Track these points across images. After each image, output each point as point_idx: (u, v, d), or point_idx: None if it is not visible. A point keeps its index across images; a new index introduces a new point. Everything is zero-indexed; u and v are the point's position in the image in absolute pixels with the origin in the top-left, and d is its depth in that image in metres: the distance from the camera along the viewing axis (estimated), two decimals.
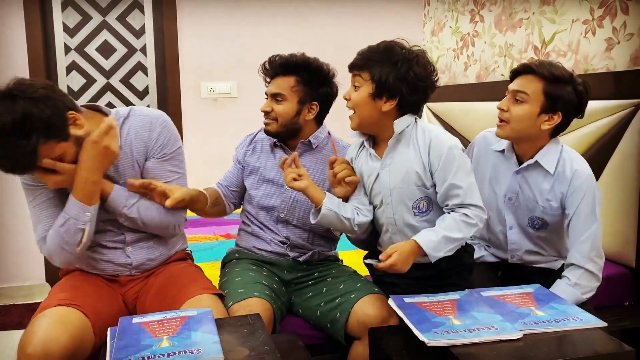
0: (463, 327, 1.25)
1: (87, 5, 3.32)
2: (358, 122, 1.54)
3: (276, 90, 1.76)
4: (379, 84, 1.46)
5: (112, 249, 1.62)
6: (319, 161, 1.82)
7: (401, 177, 1.53)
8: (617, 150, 2.07)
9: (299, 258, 1.81)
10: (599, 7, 2.27)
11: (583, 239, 1.60)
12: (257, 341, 1.24)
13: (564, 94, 1.60)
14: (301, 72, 1.76)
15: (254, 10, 3.45)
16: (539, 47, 2.64)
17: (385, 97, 1.48)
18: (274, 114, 1.76)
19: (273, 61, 1.78)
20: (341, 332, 1.61)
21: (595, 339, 1.23)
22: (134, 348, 1.16)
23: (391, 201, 1.55)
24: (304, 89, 1.76)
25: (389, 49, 1.50)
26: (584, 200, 1.61)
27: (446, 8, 3.47)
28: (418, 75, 1.47)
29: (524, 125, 1.63)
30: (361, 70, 1.50)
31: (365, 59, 1.50)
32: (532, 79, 1.61)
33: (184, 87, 3.43)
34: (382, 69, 1.46)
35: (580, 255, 1.60)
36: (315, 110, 1.80)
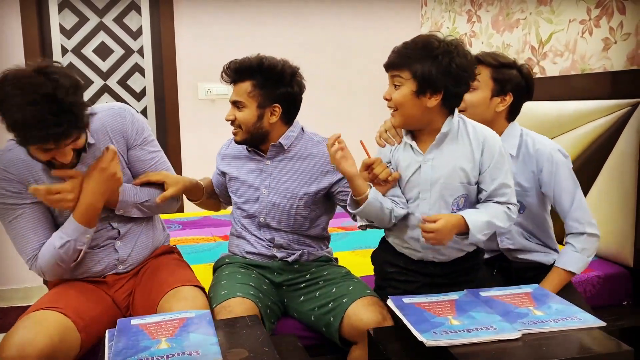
0: (462, 328, 1.25)
1: (84, 7, 3.31)
2: (402, 120, 1.50)
3: (235, 98, 1.73)
4: (422, 80, 1.42)
5: (102, 247, 1.63)
6: (292, 159, 1.79)
7: (447, 172, 1.49)
8: (615, 149, 2.08)
9: (287, 259, 1.77)
10: (596, 7, 2.28)
11: (574, 207, 1.67)
12: (256, 342, 1.23)
13: (511, 76, 1.69)
14: (256, 75, 1.70)
15: (252, 11, 3.45)
16: (536, 47, 2.64)
17: (429, 92, 1.43)
18: (237, 122, 1.74)
19: (228, 68, 1.74)
20: (336, 336, 1.60)
21: (594, 339, 1.23)
22: (133, 350, 1.16)
23: (430, 196, 1.51)
24: (260, 92, 1.71)
25: (426, 43, 1.44)
26: (558, 172, 1.68)
27: (443, 8, 3.48)
28: (460, 66, 1.42)
29: (480, 110, 1.69)
30: (400, 69, 1.45)
31: (403, 57, 1.45)
32: (480, 68, 1.67)
33: (181, 89, 3.43)
34: (423, 65, 1.41)
35: (578, 222, 1.67)
36: (279, 112, 1.73)
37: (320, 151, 1.77)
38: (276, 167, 1.79)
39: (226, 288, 1.63)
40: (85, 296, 1.55)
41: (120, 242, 1.65)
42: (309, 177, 1.77)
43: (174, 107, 3.42)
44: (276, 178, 1.78)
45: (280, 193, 1.76)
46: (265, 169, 1.79)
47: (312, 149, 1.79)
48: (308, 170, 1.77)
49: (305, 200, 1.76)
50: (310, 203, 1.77)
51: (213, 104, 3.49)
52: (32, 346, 1.31)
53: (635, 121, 2.01)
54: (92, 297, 1.57)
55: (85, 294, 1.57)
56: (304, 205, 1.77)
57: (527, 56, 2.71)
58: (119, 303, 1.64)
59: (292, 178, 1.77)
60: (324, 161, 1.76)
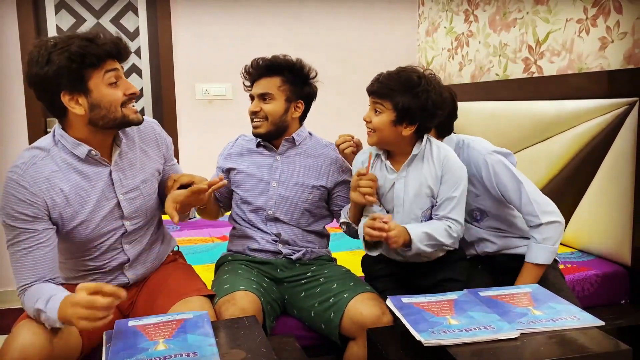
0: (460, 327, 1.25)
1: (80, 8, 3.31)
2: (377, 141, 1.65)
3: (264, 90, 1.80)
4: (401, 112, 1.58)
5: (111, 271, 1.61)
6: (301, 156, 1.87)
7: (416, 188, 1.66)
8: (612, 148, 2.08)
9: (291, 256, 1.82)
10: (593, 7, 2.28)
11: (523, 202, 1.68)
12: (254, 343, 1.23)
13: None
14: (285, 73, 1.81)
15: (249, 11, 3.45)
16: (533, 47, 2.64)
17: (405, 123, 1.60)
18: (263, 113, 1.80)
19: (257, 63, 1.82)
20: (335, 332, 1.62)
21: (592, 338, 1.23)
22: (130, 351, 1.15)
23: (402, 210, 1.67)
24: (290, 88, 1.82)
25: (409, 79, 1.60)
26: (497, 174, 1.70)
27: (440, 8, 3.48)
28: (435, 103, 1.59)
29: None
30: (383, 98, 1.61)
31: (386, 88, 1.60)
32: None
33: (178, 89, 3.42)
34: (403, 98, 1.57)
35: (532, 216, 1.68)
36: (301, 109, 1.86)
37: (327, 153, 1.88)
38: (286, 162, 1.85)
39: (229, 282, 1.66)
40: None
41: (129, 267, 1.62)
42: (317, 173, 1.85)
43: (171, 108, 3.42)
44: (286, 172, 1.84)
45: (290, 186, 1.83)
46: (275, 164, 1.85)
47: (320, 150, 1.89)
48: (316, 167, 1.86)
49: (314, 194, 1.84)
50: (317, 198, 1.85)
51: (210, 104, 3.48)
52: (33, 349, 1.29)
53: (632, 120, 2.01)
54: None
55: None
56: (312, 200, 1.84)
57: (524, 55, 2.72)
58: (122, 307, 1.63)
59: (301, 172, 1.85)
60: (330, 162, 1.86)
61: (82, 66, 1.36)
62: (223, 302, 1.57)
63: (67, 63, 1.34)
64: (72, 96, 1.39)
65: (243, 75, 1.86)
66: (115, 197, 1.52)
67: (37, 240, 1.40)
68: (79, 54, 1.35)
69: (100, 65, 1.39)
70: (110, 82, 1.42)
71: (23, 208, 1.39)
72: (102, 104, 1.41)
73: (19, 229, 1.40)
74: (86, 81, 1.39)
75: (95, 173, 1.49)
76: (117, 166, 1.52)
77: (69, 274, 1.61)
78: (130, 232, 1.58)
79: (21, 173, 1.40)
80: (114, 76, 1.42)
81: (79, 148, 1.45)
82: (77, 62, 1.35)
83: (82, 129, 1.45)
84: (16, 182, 1.39)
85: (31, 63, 1.37)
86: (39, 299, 1.33)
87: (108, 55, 1.40)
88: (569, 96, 2.29)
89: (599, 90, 2.16)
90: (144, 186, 1.58)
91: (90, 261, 1.56)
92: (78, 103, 1.40)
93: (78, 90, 1.38)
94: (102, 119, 1.42)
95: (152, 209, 1.64)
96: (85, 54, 1.35)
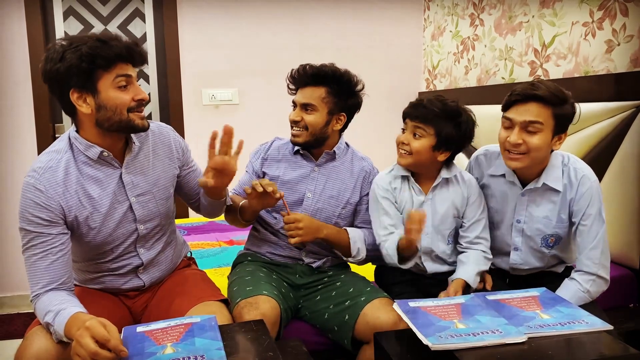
0: (467, 331, 1.25)
1: (88, 14, 3.33)
2: (412, 163, 1.71)
3: (307, 101, 1.76)
4: (442, 139, 1.65)
5: (125, 275, 1.62)
6: (339, 170, 1.85)
7: (444, 210, 1.74)
8: (619, 152, 2.07)
9: (312, 264, 1.82)
10: (599, 10, 2.28)
11: (593, 244, 1.59)
12: (261, 347, 1.23)
13: (569, 110, 1.59)
14: (331, 84, 1.76)
15: (255, 16, 3.47)
16: (539, 50, 2.64)
17: (442, 149, 1.67)
18: (304, 123, 1.76)
19: (303, 70, 1.78)
20: (348, 335, 1.61)
21: (601, 342, 1.23)
22: (139, 356, 1.16)
23: (430, 231, 1.74)
24: (333, 100, 1.77)
25: (453, 108, 1.67)
26: (591, 205, 1.60)
27: (446, 12, 3.48)
28: (472, 133, 1.71)
29: (542, 153, 1.59)
30: (426, 123, 1.65)
31: (431, 114, 1.64)
32: (538, 105, 1.55)
33: (185, 95, 3.44)
34: (447, 126, 1.64)
35: (592, 262, 1.59)
36: (343, 121, 1.82)
37: (364, 166, 1.87)
38: (323, 173, 1.83)
39: (252, 284, 1.65)
40: (101, 305, 1.53)
41: (144, 270, 1.64)
42: (352, 188, 1.84)
43: (178, 113, 3.44)
44: (322, 184, 1.82)
45: (325, 199, 1.81)
46: (312, 175, 1.83)
47: (357, 163, 1.87)
48: (352, 182, 1.84)
49: (347, 209, 1.83)
50: (350, 213, 1.84)
51: (217, 109, 3.50)
52: (47, 354, 1.30)
53: (639, 123, 2.00)
54: (108, 306, 1.56)
55: (102, 302, 1.55)
56: (345, 214, 1.84)
57: (530, 59, 2.71)
58: (136, 313, 1.65)
59: (337, 186, 1.83)
60: (365, 175, 1.86)
61: (92, 66, 1.38)
62: (245, 304, 1.56)
63: (77, 62, 1.36)
64: (80, 94, 1.40)
65: (288, 79, 1.81)
66: (127, 200, 1.53)
67: (51, 245, 1.41)
68: (89, 55, 1.36)
69: (110, 68, 1.40)
70: (120, 85, 1.43)
71: (39, 212, 1.40)
72: (108, 106, 1.42)
73: (34, 233, 1.41)
74: (95, 82, 1.40)
75: (107, 175, 1.50)
76: (128, 169, 1.53)
77: (84, 276, 1.62)
78: (144, 235, 1.59)
79: (38, 177, 1.42)
80: (124, 80, 1.43)
81: (91, 150, 1.47)
82: (87, 62, 1.37)
83: (91, 130, 1.46)
84: (33, 186, 1.41)
85: (47, 59, 1.40)
86: (49, 311, 1.34)
87: (119, 58, 1.41)
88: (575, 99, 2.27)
89: (605, 94, 2.16)
90: (157, 190, 1.59)
91: (104, 264, 1.58)
92: (86, 102, 1.41)
93: (87, 90, 1.40)
94: (108, 120, 1.43)
95: (166, 214, 1.65)
96: (96, 55, 1.37)
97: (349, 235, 1.78)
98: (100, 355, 1.14)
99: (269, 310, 1.54)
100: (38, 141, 3.22)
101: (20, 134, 3.22)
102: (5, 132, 3.21)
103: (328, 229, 1.75)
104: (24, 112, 3.20)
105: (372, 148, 1.82)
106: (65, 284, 1.43)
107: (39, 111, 3.22)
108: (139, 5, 3.39)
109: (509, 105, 1.60)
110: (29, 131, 3.22)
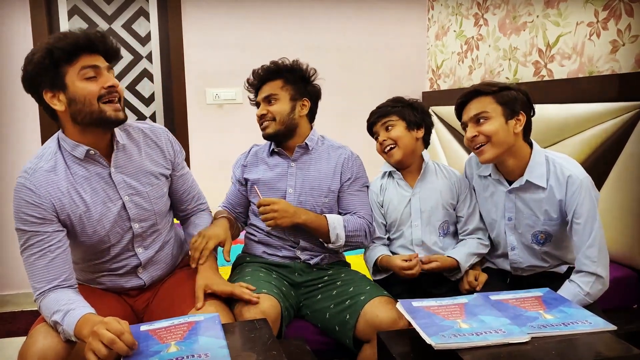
0: (470, 331, 1.25)
1: (93, 14, 3.34)
2: (401, 156, 1.85)
3: (268, 92, 1.85)
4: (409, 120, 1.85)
5: (124, 275, 1.63)
6: (315, 161, 1.88)
7: (432, 201, 1.85)
8: (623, 152, 2.07)
9: (309, 261, 1.83)
10: (604, 10, 2.27)
11: (589, 243, 1.60)
12: (264, 346, 1.24)
13: (514, 96, 1.68)
14: (285, 74, 1.87)
15: (259, 16, 3.47)
16: (544, 50, 2.64)
17: (415, 128, 1.86)
18: (270, 115, 1.84)
19: (257, 71, 1.89)
20: (349, 335, 1.62)
21: (604, 343, 1.23)
22: (142, 355, 1.16)
23: (421, 223, 1.84)
24: (292, 87, 1.86)
25: (398, 98, 1.92)
26: (583, 203, 1.62)
27: (450, 12, 3.48)
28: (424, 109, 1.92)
29: (502, 137, 1.65)
30: (389, 115, 1.87)
31: (388, 108, 1.88)
32: (480, 99, 1.68)
33: (189, 94, 3.45)
34: (404, 110, 1.87)
35: (590, 260, 1.60)
36: (307, 106, 1.89)
37: (341, 154, 1.90)
38: (300, 168, 1.87)
39: (251, 283, 1.66)
40: (104, 304, 1.53)
41: (143, 269, 1.64)
42: (332, 175, 1.86)
43: (182, 112, 3.44)
44: (301, 178, 1.85)
45: (306, 191, 1.84)
46: (289, 171, 1.87)
47: (333, 152, 1.91)
48: (331, 170, 1.87)
49: (330, 197, 1.85)
50: (334, 201, 1.86)
51: (221, 109, 3.50)
52: (52, 351, 1.31)
53: None
54: (111, 304, 1.57)
55: (104, 301, 1.56)
56: (329, 203, 1.85)
57: (534, 59, 2.71)
58: (138, 311, 1.65)
59: (316, 177, 1.86)
60: (343, 161, 1.89)
61: (54, 62, 1.38)
62: (245, 303, 1.57)
63: (41, 60, 1.37)
64: (53, 93, 1.42)
65: (247, 88, 1.92)
66: (120, 199, 1.54)
67: (48, 243, 1.42)
68: (48, 50, 1.37)
69: (73, 61, 1.40)
70: (88, 76, 1.41)
71: (32, 210, 1.41)
72: (77, 98, 1.41)
73: (30, 232, 1.42)
74: (62, 77, 1.40)
75: (96, 174, 1.51)
76: (116, 168, 1.54)
77: (84, 276, 1.63)
78: (140, 234, 1.60)
79: (28, 177, 1.43)
80: (92, 71, 1.42)
81: (77, 149, 1.48)
82: (49, 58, 1.37)
83: (72, 128, 1.47)
84: (23, 186, 1.43)
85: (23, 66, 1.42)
86: (57, 311, 1.34)
87: (78, 49, 1.40)
88: (580, 100, 2.28)
89: (610, 94, 2.15)
90: (150, 189, 1.60)
91: (103, 264, 1.58)
92: (59, 100, 1.42)
93: (57, 87, 1.41)
94: (80, 113, 1.43)
95: (161, 212, 1.65)
96: (53, 49, 1.37)
97: (328, 221, 1.78)
98: (116, 344, 1.17)
99: (269, 308, 1.55)
100: (42, 139, 3.23)
101: (24, 133, 3.23)
102: (10, 131, 3.22)
103: (307, 214, 1.77)
104: (28, 111, 3.21)
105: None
106: (68, 281, 1.44)
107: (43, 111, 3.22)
108: (143, 5, 3.39)
109: (459, 113, 1.75)
110: (33, 131, 3.23)
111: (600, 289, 1.60)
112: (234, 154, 2.06)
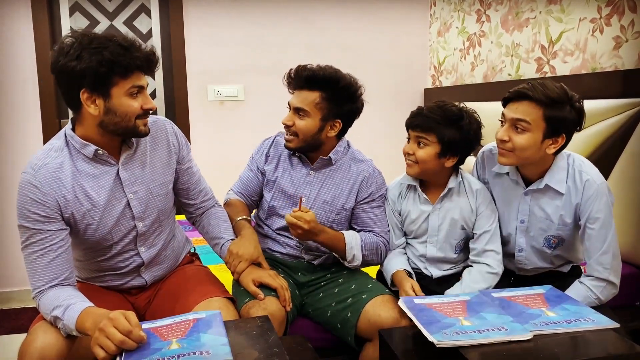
0: (473, 328, 1.25)
1: (94, 10, 3.34)
2: (419, 172, 1.71)
3: (299, 105, 1.71)
4: (445, 145, 1.64)
5: (127, 273, 1.63)
6: (335, 175, 1.81)
7: (451, 220, 1.74)
8: (626, 149, 2.06)
9: (313, 261, 1.82)
10: (607, 6, 2.26)
11: (604, 249, 1.57)
12: (266, 343, 1.24)
13: (565, 115, 1.53)
14: (327, 88, 1.70)
15: (260, 13, 3.46)
16: (546, 47, 2.63)
17: (449, 155, 1.66)
18: (295, 129, 1.72)
19: (299, 72, 1.72)
20: (351, 333, 1.61)
21: (606, 340, 1.22)
22: (144, 352, 1.16)
23: (437, 240, 1.76)
24: (328, 106, 1.70)
25: (452, 113, 1.65)
26: (599, 209, 1.57)
27: (452, 8, 3.47)
28: (477, 135, 1.68)
29: (529, 153, 1.57)
30: (427, 132, 1.65)
31: (432, 122, 1.64)
32: (529, 104, 1.53)
33: (190, 91, 3.44)
34: (448, 132, 1.63)
35: (603, 267, 1.57)
36: (338, 128, 1.75)
37: (362, 170, 1.81)
38: (319, 178, 1.80)
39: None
40: (104, 301, 1.52)
41: (145, 268, 1.64)
42: (348, 194, 1.80)
43: (184, 109, 3.44)
44: (316, 189, 1.80)
45: (319, 205, 1.79)
46: (307, 179, 1.81)
47: (355, 166, 1.82)
48: (347, 188, 1.80)
49: (342, 215, 1.80)
50: (345, 219, 1.81)
51: (222, 105, 3.50)
52: (53, 350, 1.31)
53: None
54: (112, 302, 1.56)
55: (105, 298, 1.56)
56: (340, 220, 1.81)
57: (537, 55, 2.70)
58: (139, 308, 1.65)
59: (331, 192, 1.80)
60: (363, 180, 1.80)
61: (110, 73, 1.37)
62: (253, 304, 1.56)
63: (96, 65, 1.35)
64: (90, 95, 1.40)
65: (284, 81, 1.76)
66: (125, 197, 1.53)
67: (51, 242, 1.42)
68: (110, 61, 1.36)
69: (127, 76, 1.40)
70: (132, 92, 1.43)
71: (36, 208, 1.40)
72: (118, 112, 1.42)
73: (33, 230, 1.41)
74: (110, 87, 1.39)
75: (103, 172, 1.50)
76: (124, 166, 1.53)
77: (85, 275, 1.63)
78: (144, 233, 1.59)
79: (33, 173, 1.42)
80: (137, 89, 1.43)
81: (86, 148, 1.47)
82: (107, 68, 1.36)
83: (92, 129, 1.46)
84: (28, 182, 1.41)
85: (61, 52, 1.37)
86: (57, 306, 1.34)
87: (138, 68, 1.42)
88: (583, 96, 2.24)
89: (613, 90, 2.14)
90: (155, 186, 1.59)
91: (105, 262, 1.58)
92: (95, 103, 1.41)
93: (98, 92, 1.39)
94: (114, 125, 1.43)
95: (165, 210, 1.65)
96: (116, 62, 1.36)
97: (346, 241, 1.73)
98: (126, 344, 1.17)
99: (277, 311, 1.55)
100: (44, 137, 3.23)
101: (27, 130, 3.23)
102: (12, 128, 3.22)
103: (325, 234, 1.70)
104: (30, 108, 3.21)
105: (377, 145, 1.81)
106: (68, 279, 1.44)
107: (45, 107, 3.23)
108: (144, 1, 3.39)
109: (506, 103, 1.61)
110: (35, 127, 3.23)
111: (612, 293, 1.59)
112: (236, 151, 2.05)
